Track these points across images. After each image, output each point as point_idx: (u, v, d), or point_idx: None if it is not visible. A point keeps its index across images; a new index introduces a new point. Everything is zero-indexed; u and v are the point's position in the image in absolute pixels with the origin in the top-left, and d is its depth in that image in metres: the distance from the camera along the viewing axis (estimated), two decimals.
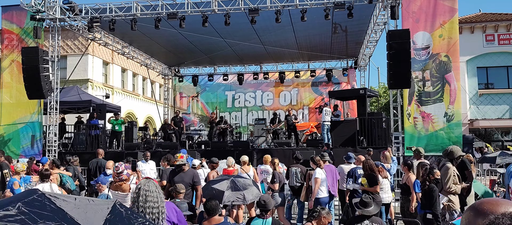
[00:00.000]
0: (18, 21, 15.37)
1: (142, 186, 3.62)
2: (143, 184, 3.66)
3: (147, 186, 3.61)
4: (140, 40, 18.42)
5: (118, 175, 6.02)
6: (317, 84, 22.62)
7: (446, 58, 12.84)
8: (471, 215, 1.39)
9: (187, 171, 7.18)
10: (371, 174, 7.78)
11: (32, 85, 13.88)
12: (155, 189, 3.61)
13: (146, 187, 3.59)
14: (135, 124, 18.65)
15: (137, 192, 3.63)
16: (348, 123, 15.19)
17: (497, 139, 21.98)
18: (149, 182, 3.69)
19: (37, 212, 1.91)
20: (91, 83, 26.36)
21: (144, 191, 3.57)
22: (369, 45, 18.57)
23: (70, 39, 26.30)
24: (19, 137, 15.10)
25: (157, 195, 3.59)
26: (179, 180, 6.86)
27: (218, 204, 5.15)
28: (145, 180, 3.75)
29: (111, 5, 14.99)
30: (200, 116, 23.96)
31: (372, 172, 7.81)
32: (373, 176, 7.76)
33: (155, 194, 3.60)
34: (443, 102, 12.76)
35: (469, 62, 21.87)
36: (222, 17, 14.20)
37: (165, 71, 24.01)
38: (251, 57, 21.64)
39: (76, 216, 1.96)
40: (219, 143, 16.33)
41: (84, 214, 2.01)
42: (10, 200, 2.02)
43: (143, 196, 3.56)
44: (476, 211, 1.38)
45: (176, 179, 6.90)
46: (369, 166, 7.93)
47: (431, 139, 12.71)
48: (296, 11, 14.08)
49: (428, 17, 12.99)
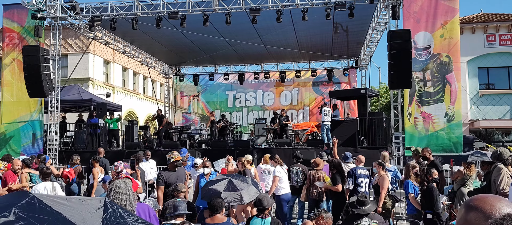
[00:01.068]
0: (19, 20, 15.39)
1: (113, 186, 3.68)
2: (114, 184, 3.71)
3: (117, 187, 3.65)
4: (141, 39, 18.43)
5: (117, 173, 6.02)
6: (317, 84, 22.61)
7: (447, 58, 12.84)
8: (463, 211, 1.47)
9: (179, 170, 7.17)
10: (335, 174, 7.83)
11: (33, 84, 13.90)
12: (126, 191, 3.64)
13: (116, 188, 3.64)
14: (136, 123, 18.66)
15: (108, 192, 3.69)
16: (349, 122, 15.19)
17: (498, 139, 21.96)
18: (121, 182, 3.72)
19: (36, 216, 1.87)
20: (92, 82, 26.38)
21: (113, 191, 3.62)
22: (370, 45, 18.56)
23: (71, 38, 26.31)
24: (20, 135, 15.12)
25: (127, 197, 3.61)
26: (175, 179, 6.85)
27: (223, 203, 5.16)
28: (118, 181, 3.79)
29: (112, 4, 15.00)
30: (200, 115, 23.97)
31: (338, 171, 7.91)
32: (336, 175, 7.78)
33: (124, 196, 3.62)
34: (444, 102, 12.76)
35: (470, 62, 21.84)
36: (223, 17, 14.20)
37: (166, 71, 24.02)
38: (252, 57, 21.64)
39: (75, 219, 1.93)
40: (220, 142, 16.34)
41: (81, 216, 1.98)
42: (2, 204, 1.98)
43: (111, 196, 3.60)
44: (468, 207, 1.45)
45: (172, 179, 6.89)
46: (334, 164, 8.00)
47: (432, 139, 12.71)
48: (297, 10, 14.07)
49: (429, 17, 12.99)
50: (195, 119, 23.69)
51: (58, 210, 1.94)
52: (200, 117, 23.84)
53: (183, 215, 5.10)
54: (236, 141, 16.94)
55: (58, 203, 2.01)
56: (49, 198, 2.05)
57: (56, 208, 1.95)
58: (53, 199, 2.06)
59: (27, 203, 1.93)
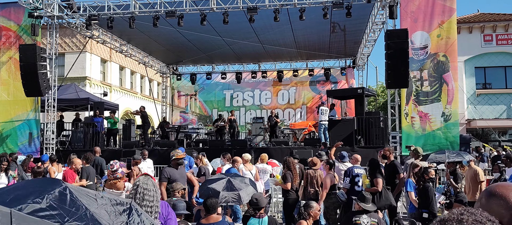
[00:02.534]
0: (15, 18, 15.32)
1: (140, 184, 3.61)
2: (141, 181, 3.65)
3: (145, 184, 3.60)
4: (138, 38, 18.39)
5: (113, 173, 6.00)
6: (315, 83, 22.64)
7: (444, 58, 12.87)
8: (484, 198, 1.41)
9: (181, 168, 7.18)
10: (285, 173, 7.92)
11: (29, 83, 13.85)
12: (153, 187, 3.61)
13: (144, 185, 3.59)
14: (133, 122, 18.63)
15: (135, 188, 3.62)
16: (346, 122, 15.19)
17: (495, 139, 22.03)
18: (148, 180, 3.68)
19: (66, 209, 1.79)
20: (89, 81, 26.30)
21: (142, 189, 3.57)
22: (368, 44, 18.59)
23: (68, 37, 26.23)
24: (17, 134, 15.07)
25: (154, 194, 3.59)
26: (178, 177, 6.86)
27: (218, 202, 5.15)
28: (144, 178, 3.73)
29: (109, 2, 14.96)
30: (198, 114, 23.95)
31: (289, 169, 7.97)
32: (286, 174, 7.88)
33: (152, 193, 3.60)
34: (441, 102, 12.79)
35: (467, 62, 21.90)
36: (221, 16, 14.19)
37: (163, 70, 23.98)
38: (249, 56, 21.64)
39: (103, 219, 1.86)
40: (217, 141, 16.34)
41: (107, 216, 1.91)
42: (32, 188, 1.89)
43: (140, 194, 3.55)
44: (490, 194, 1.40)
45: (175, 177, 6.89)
46: (287, 163, 8.09)
47: (429, 138, 12.74)
48: (295, 10, 14.07)
49: (426, 17, 13.02)
50: (193, 118, 23.67)
51: (88, 206, 1.87)
52: (198, 116, 23.82)
53: (181, 215, 5.08)
54: (233, 140, 16.94)
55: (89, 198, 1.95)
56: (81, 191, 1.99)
57: (86, 203, 1.88)
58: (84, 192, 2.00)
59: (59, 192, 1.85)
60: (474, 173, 7.83)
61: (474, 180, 7.79)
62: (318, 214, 5.12)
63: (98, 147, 11.90)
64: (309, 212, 5.04)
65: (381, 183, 7.43)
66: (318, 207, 5.21)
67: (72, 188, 1.93)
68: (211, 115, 23.28)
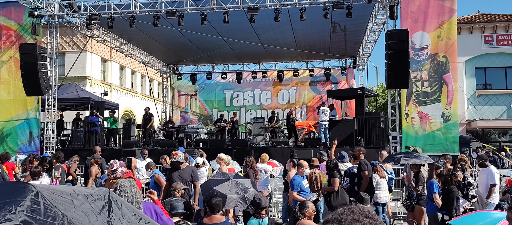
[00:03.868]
0: (16, 18, 15.33)
1: (118, 186, 3.66)
2: (119, 183, 3.70)
3: (122, 186, 3.64)
4: (139, 37, 18.40)
5: (113, 172, 6.01)
6: (315, 83, 22.64)
7: (444, 58, 12.87)
8: None
9: (185, 168, 7.17)
10: (247, 172, 7.98)
11: (30, 82, 13.86)
12: (131, 189, 3.64)
13: (121, 187, 3.63)
14: (133, 122, 18.64)
15: (113, 190, 3.66)
16: (346, 122, 15.21)
17: (495, 139, 22.03)
18: (126, 181, 3.72)
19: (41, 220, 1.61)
20: (90, 80, 26.32)
21: (118, 191, 3.61)
22: (368, 44, 18.58)
23: (69, 36, 26.25)
24: (17, 133, 15.09)
25: (133, 195, 3.61)
26: (177, 178, 6.86)
27: (221, 201, 5.13)
28: (123, 180, 3.78)
29: (110, 2, 14.96)
30: (198, 114, 23.97)
31: (252, 168, 8.08)
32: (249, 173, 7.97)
33: (130, 194, 3.62)
34: (441, 102, 12.80)
35: (468, 62, 21.90)
36: (221, 16, 14.19)
37: (164, 69, 23.99)
38: (249, 56, 21.64)
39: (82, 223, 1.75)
40: (217, 141, 16.34)
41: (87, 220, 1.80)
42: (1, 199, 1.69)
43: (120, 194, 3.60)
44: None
45: (174, 177, 6.90)
46: (248, 163, 8.20)
47: (428, 139, 12.74)
48: (295, 10, 14.07)
49: (427, 17, 13.01)
50: (193, 118, 23.68)
51: (65, 212, 1.72)
52: (198, 116, 23.83)
53: (179, 214, 5.09)
54: (234, 140, 16.94)
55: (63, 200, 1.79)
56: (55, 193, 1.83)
57: (62, 209, 1.72)
58: (58, 193, 1.85)
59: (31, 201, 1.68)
60: None
61: None
62: (313, 214, 5.06)
63: (98, 146, 11.90)
64: (304, 212, 4.98)
65: (337, 183, 7.62)
66: (314, 207, 5.18)
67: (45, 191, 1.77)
68: (211, 115, 23.29)
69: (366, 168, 7.97)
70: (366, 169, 7.97)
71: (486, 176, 7.90)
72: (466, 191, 7.07)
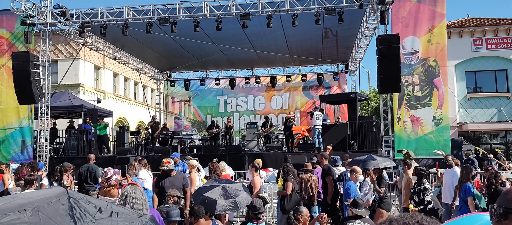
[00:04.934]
0: (8, 26, 15.30)
1: (129, 193, 3.68)
2: (129, 191, 3.72)
3: (133, 193, 3.67)
4: (132, 45, 18.42)
5: (107, 180, 6.02)
6: (308, 88, 22.78)
7: (435, 63, 13.05)
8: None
9: (175, 175, 7.15)
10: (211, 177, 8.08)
11: (22, 90, 13.81)
12: (141, 196, 3.68)
13: (132, 194, 3.66)
14: (127, 129, 18.61)
15: (123, 198, 3.69)
16: (339, 126, 15.31)
17: (486, 142, 22.26)
18: (136, 189, 3.75)
19: None
20: (83, 88, 26.23)
21: (130, 198, 3.63)
22: (360, 49, 18.75)
23: (61, 44, 26.17)
24: (9, 142, 15.01)
25: (142, 202, 3.66)
26: (168, 185, 6.86)
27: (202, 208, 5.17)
28: (131, 187, 3.81)
29: (103, 10, 14.98)
30: (192, 120, 23.97)
31: (215, 173, 8.27)
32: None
33: (141, 201, 3.66)
34: (432, 106, 12.96)
35: (458, 66, 22.14)
36: (214, 22, 14.26)
37: (157, 76, 24.00)
38: (242, 62, 21.73)
39: None
40: (211, 147, 16.36)
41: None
42: None
43: (129, 203, 3.62)
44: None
45: (165, 184, 6.90)
46: (210, 169, 8.44)
47: (420, 142, 12.88)
48: (287, 16, 14.19)
49: (417, 22, 13.20)
50: (187, 124, 23.68)
51: None
52: (192, 122, 23.84)
53: (175, 221, 5.12)
54: (227, 145, 16.97)
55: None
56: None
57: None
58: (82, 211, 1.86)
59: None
60: (408, 180, 8.00)
61: (407, 186, 7.95)
62: (307, 220, 5.06)
63: (92, 154, 11.86)
64: (298, 217, 4.98)
65: (290, 187, 7.74)
66: (308, 213, 5.20)
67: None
68: (205, 121, 23.31)
69: (330, 174, 8.11)
70: (331, 174, 8.10)
71: (451, 177, 7.89)
72: (422, 196, 7.18)
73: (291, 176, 7.94)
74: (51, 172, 8.10)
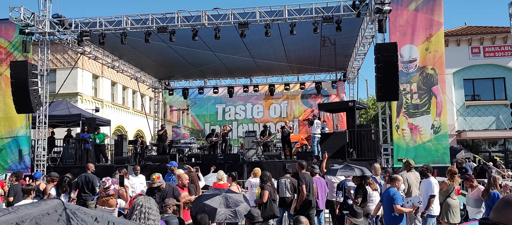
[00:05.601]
0: (6, 35, 15.30)
1: (144, 204, 3.66)
2: (144, 201, 3.70)
3: (149, 203, 3.66)
4: (130, 53, 18.43)
5: (105, 190, 5.99)
6: (306, 96, 22.80)
7: (433, 71, 13.08)
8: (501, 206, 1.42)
9: (165, 188, 7.05)
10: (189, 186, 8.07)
11: (20, 100, 13.78)
12: (155, 207, 3.67)
13: (148, 204, 3.65)
14: (125, 138, 18.56)
15: (139, 209, 3.65)
16: (338, 135, 15.30)
17: (485, 149, 22.27)
18: (150, 200, 3.74)
19: None
20: (81, 97, 26.21)
21: (146, 208, 3.61)
22: (358, 58, 18.79)
23: (60, 53, 26.19)
24: (7, 151, 14.94)
25: (156, 213, 3.65)
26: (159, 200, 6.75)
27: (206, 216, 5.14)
28: (144, 198, 3.79)
29: (101, 19, 15.00)
30: (190, 129, 23.93)
31: (192, 182, 8.30)
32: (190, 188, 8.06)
33: (155, 212, 3.65)
34: (430, 114, 12.96)
35: (456, 74, 22.22)
36: (212, 31, 14.30)
37: (155, 85, 24.00)
38: (241, 70, 21.76)
39: None
40: (210, 155, 16.31)
41: None
42: None
43: (145, 213, 3.59)
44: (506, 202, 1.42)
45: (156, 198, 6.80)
46: (191, 177, 8.42)
47: (419, 150, 12.86)
48: (285, 25, 14.23)
49: (414, 30, 13.25)
50: (185, 132, 23.64)
51: None
52: (190, 131, 23.80)
53: None
54: (226, 154, 16.93)
55: None
56: None
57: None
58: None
59: None
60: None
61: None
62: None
63: (90, 163, 11.77)
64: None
65: (266, 195, 7.87)
66: (308, 222, 5.18)
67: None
68: (204, 129, 23.28)
69: (304, 182, 8.22)
70: (304, 183, 8.22)
71: (426, 187, 7.92)
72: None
73: (269, 184, 8.08)
74: (60, 183, 8.05)
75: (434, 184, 7.82)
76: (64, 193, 7.69)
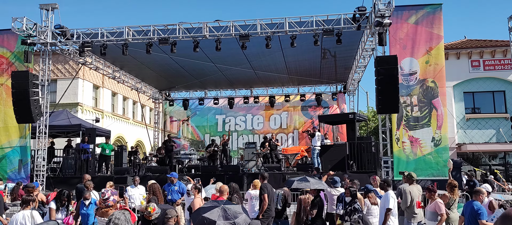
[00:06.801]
0: (8, 45, 15.38)
1: (113, 218, 3.72)
2: (114, 216, 3.75)
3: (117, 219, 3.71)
4: (131, 64, 18.49)
5: (105, 201, 5.97)
6: (307, 108, 22.82)
7: (433, 84, 13.11)
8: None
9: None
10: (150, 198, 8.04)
11: (21, 110, 13.80)
12: (125, 222, 3.70)
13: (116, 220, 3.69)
14: (124, 148, 18.52)
15: (107, 222, 3.71)
16: (338, 147, 15.27)
17: (485, 162, 22.22)
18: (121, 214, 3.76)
19: None
20: (81, 107, 26.24)
21: (112, 223, 3.67)
22: (358, 70, 18.85)
23: (61, 63, 26.29)
24: (7, 161, 14.92)
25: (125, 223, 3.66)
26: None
27: None
28: (118, 212, 3.83)
29: (103, 30, 15.09)
30: (190, 140, 23.91)
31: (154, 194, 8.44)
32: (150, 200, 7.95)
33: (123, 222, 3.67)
34: (431, 127, 12.96)
35: (456, 87, 22.26)
36: (213, 43, 14.37)
37: (156, 95, 24.04)
38: (241, 82, 21.81)
39: None
40: (209, 167, 16.28)
41: None
42: None
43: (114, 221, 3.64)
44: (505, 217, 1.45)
45: None
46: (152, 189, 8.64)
47: (420, 163, 12.84)
48: (286, 37, 14.31)
49: (415, 44, 13.31)
50: (185, 143, 23.61)
51: None
52: (190, 142, 23.77)
53: None
54: (225, 165, 16.89)
55: None
56: None
57: None
58: None
59: None
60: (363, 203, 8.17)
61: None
62: None
63: (87, 174, 11.71)
64: None
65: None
66: None
67: None
68: (203, 140, 23.25)
69: (266, 192, 8.35)
70: (266, 192, 8.35)
71: (383, 201, 7.99)
72: (352, 216, 7.19)
73: (236, 196, 8.16)
74: (59, 197, 8.00)
75: (391, 197, 7.89)
76: (62, 206, 7.64)
